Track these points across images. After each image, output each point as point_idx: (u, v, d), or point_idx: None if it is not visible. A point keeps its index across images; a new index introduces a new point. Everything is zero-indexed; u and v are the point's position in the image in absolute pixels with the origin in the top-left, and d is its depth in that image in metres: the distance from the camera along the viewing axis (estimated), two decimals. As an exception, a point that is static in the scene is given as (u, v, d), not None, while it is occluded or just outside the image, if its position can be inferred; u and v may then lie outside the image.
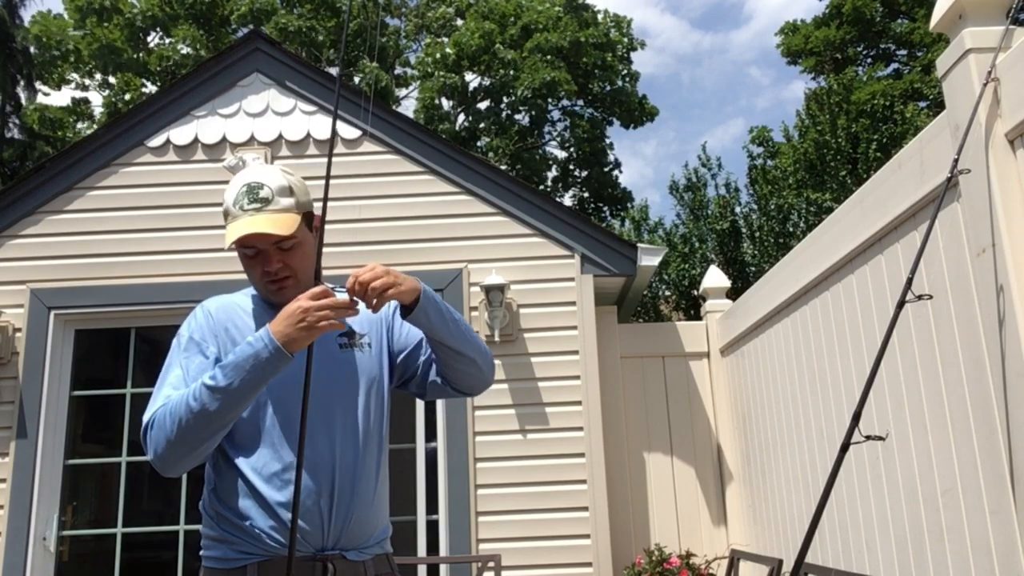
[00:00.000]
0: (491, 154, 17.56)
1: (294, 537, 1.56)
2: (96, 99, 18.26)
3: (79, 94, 18.00)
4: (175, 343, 1.82)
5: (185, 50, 16.99)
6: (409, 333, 1.93)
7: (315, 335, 1.59)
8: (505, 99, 17.90)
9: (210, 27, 16.91)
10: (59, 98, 17.87)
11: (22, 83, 14.92)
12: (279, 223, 1.74)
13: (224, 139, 5.22)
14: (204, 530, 1.76)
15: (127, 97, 17.16)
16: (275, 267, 1.76)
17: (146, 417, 1.69)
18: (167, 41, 17.27)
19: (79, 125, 17.70)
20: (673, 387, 5.64)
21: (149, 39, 17.91)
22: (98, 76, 17.55)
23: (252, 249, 1.76)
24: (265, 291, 1.82)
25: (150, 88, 17.44)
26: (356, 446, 1.77)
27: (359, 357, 1.84)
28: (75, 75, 17.50)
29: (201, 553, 1.76)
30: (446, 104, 18.21)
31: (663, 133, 44.87)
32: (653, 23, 40.73)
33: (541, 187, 17.90)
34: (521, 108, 17.94)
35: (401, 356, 1.92)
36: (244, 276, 1.83)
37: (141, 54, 17.18)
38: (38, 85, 16.03)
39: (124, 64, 16.46)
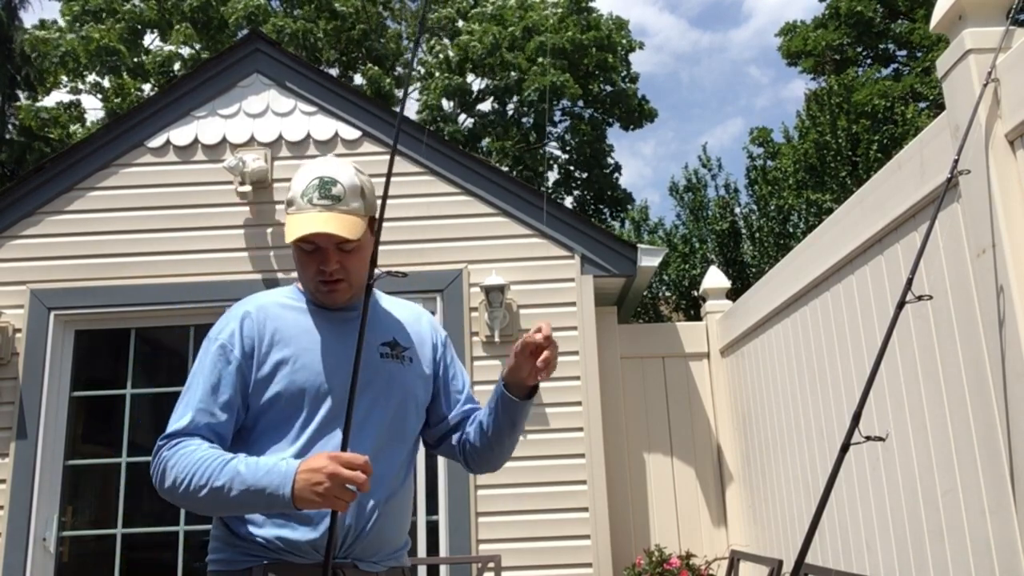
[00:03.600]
0: (493, 154, 17.57)
1: (332, 542, 1.50)
2: (89, 102, 18.25)
3: (70, 97, 17.96)
4: (205, 346, 1.75)
5: (185, 51, 16.98)
6: (454, 382, 1.92)
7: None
8: (509, 101, 17.91)
9: (208, 31, 16.88)
10: (50, 101, 17.81)
11: (21, 84, 14.91)
12: (347, 225, 1.70)
13: (224, 140, 5.23)
14: (213, 531, 1.74)
15: (119, 100, 17.12)
16: (332, 267, 1.72)
17: (170, 428, 1.66)
18: (165, 47, 17.24)
19: (73, 127, 17.65)
20: (673, 387, 5.64)
21: (146, 41, 17.89)
22: (90, 78, 17.50)
23: (311, 245, 1.72)
24: (315, 291, 1.77)
25: (147, 91, 17.41)
26: (383, 456, 1.71)
27: (399, 369, 1.80)
28: (65, 78, 17.44)
29: (208, 558, 1.73)
30: (446, 105, 18.21)
31: (662, 133, 44.84)
32: (651, 21, 40.72)
33: (542, 188, 17.91)
34: (526, 111, 17.95)
35: (439, 399, 1.90)
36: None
37: (140, 56, 17.16)
38: (38, 87, 16.03)
39: (121, 66, 16.42)
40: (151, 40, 18.00)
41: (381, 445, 1.72)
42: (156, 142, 5.23)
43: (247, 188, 5.05)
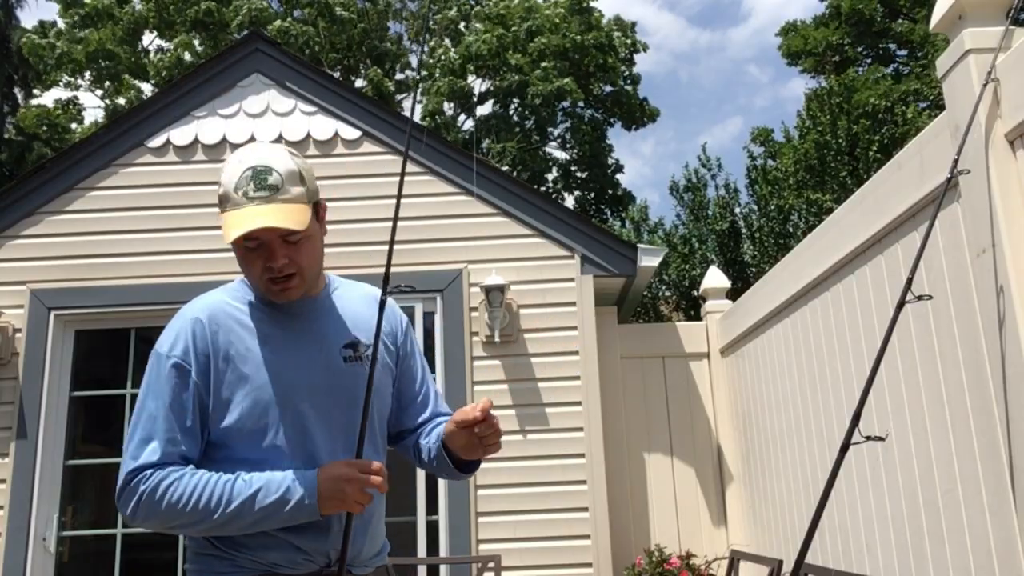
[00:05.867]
0: (491, 154, 17.56)
1: (345, 550, 1.51)
2: (88, 100, 18.19)
3: (68, 94, 17.91)
4: (154, 362, 1.62)
5: (186, 56, 16.96)
6: (413, 378, 1.87)
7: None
8: (513, 104, 17.91)
9: (208, 33, 16.85)
10: (47, 99, 17.78)
11: (19, 83, 14.91)
12: (291, 216, 1.56)
13: (224, 139, 5.23)
14: (190, 542, 1.64)
15: (121, 101, 17.10)
16: (280, 263, 1.58)
17: (125, 469, 1.57)
18: (166, 49, 17.22)
19: (73, 126, 17.63)
20: (673, 387, 5.64)
21: (146, 41, 17.88)
22: (88, 75, 17.46)
23: (254, 242, 1.58)
24: (266, 291, 1.64)
25: (147, 90, 17.40)
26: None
27: (364, 371, 1.70)
28: (66, 76, 17.40)
29: (187, 567, 1.65)
30: (447, 107, 18.20)
31: (661, 132, 44.87)
32: (650, 20, 40.74)
33: (542, 188, 17.91)
34: (529, 114, 17.96)
35: (400, 399, 1.86)
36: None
37: (139, 58, 17.14)
38: (35, 84, 16.02)
39: (121, 69, 16.39)
40: (150, 40, 17.99)
41: (352, 451, 1.67)
42: (156, 142, 5.23)
43: (247, 188, 5.04)
